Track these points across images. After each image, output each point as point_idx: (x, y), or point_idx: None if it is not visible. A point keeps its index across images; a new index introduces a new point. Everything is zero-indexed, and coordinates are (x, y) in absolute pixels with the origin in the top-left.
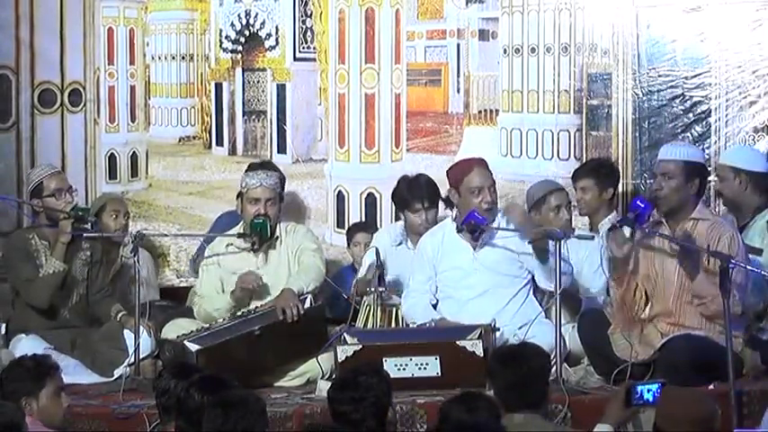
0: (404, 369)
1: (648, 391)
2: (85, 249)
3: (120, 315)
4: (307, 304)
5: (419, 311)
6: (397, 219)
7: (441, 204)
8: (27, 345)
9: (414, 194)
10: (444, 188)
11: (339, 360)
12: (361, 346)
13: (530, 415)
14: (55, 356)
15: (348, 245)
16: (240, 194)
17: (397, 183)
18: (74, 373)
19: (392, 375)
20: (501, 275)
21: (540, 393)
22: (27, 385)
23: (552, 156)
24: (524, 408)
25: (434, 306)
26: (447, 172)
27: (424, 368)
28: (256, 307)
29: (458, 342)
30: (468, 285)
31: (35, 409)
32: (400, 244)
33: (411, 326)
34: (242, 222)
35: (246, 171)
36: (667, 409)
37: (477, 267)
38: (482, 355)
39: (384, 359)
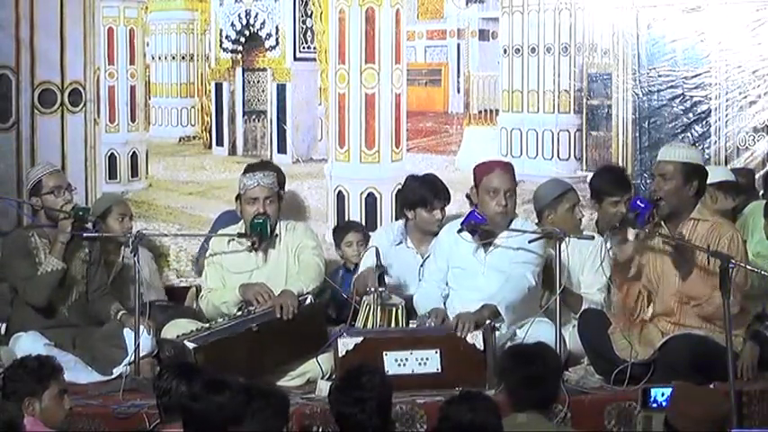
0: (404, 364)
1: (663, 395)
2: (84, 248)
3: (120, 314)
4: (307, 303)
5: (427, 301)
6: (398, 218)
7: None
8: (27, 341)
9: (433, 192)
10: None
11: (340, 354)
12: (362, 338)
13: (533, 415)
14: (55, 353)
15: (337, 245)
16: (239, 196)
17: (408, 181)
18: (74, 369)
19: (392, 372)
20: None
21: (550, 394)
22: (30, 386)
23: (552, 156)
24: (532, 407)
25: (445, 298)
26: (473, 169)
27: (425, 363)
28: (255, 308)
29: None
30: (475, 287)
31: (37, 410)
32: (400, 243)
33: (412, 324)
34: (242, 222)
35: (244, 172)
36: (681, 408)
37: (485, 271)
38: (482, 348)
39: (384, 353)
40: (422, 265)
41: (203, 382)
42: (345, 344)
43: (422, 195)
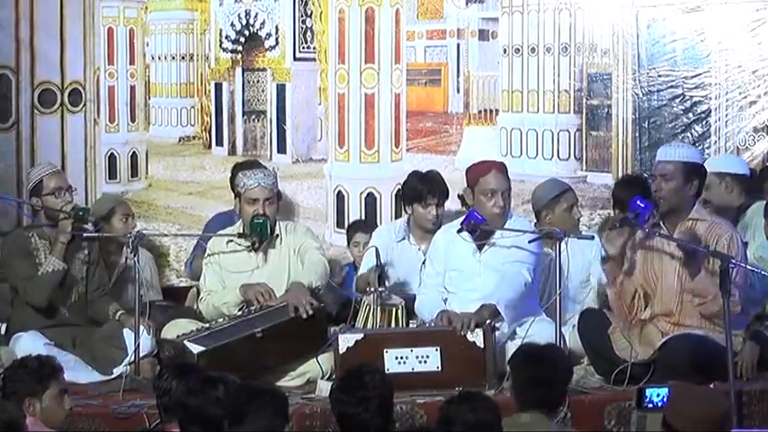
0: (404, 362)
1: (658, 395)
2: (84, 248)
3: (119, 314)
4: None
5: (429, 306)
6: (398, 217)
7: (448, 203)
8: (27, 341)
9: (428, 187)
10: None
11: (341, 351)
12: (362, 335)
13: (536, 415)
14: (55, 352)
15: (348, 244)
16: (238, 194)
17: (409, 177)
18: (74, 369)
19: (392, 370)
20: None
21: (557, 397)
22: (30, 386)
23: (552, 156)
24: (536, 407)
25: (444, 302)
26: (466, 171)
27: (425, 361)
28: (255, 307)
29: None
30: (472, 288)
31: (38, 410)
32: (402, 240)
33: (412, 324)
34: (239, 222)
35: (241, 171)
36: (679, 408)
37: (481, 271)
38: (482, 346)
39: (385, 351)
40: (423, 263)
41: (199, 378)
42: (346, 340)
43: (418, 191)
